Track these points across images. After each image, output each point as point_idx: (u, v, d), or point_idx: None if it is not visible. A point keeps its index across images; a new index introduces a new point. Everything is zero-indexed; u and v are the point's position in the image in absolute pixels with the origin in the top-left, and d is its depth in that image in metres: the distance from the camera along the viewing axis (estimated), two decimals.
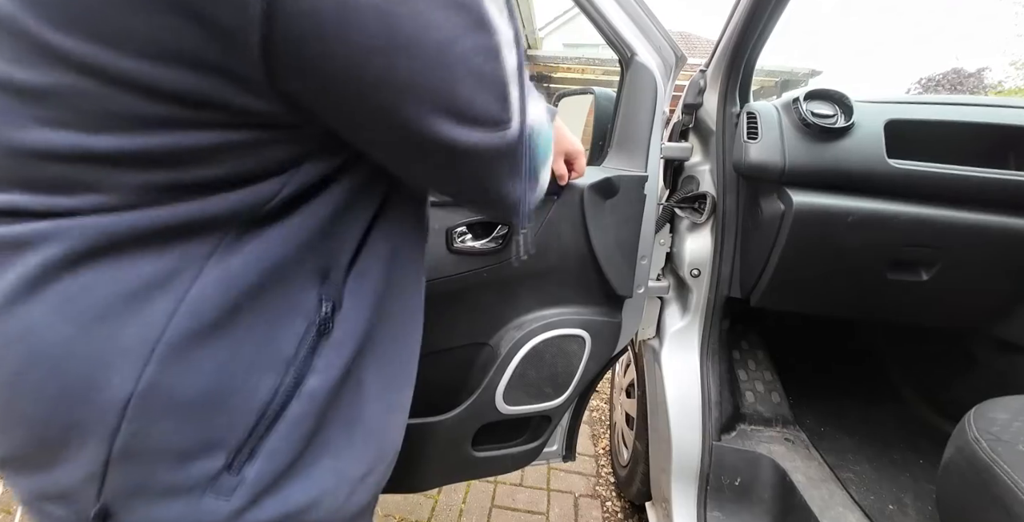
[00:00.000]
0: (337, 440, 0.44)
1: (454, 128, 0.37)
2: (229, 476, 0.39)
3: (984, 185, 0.97)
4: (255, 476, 0.39)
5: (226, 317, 0.37)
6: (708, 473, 1.13)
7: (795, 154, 1.00)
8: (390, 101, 0.35)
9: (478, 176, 0.42)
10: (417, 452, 0.98)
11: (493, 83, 0.37)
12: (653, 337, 1.26)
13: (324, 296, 0.42)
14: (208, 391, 0.37)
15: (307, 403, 0.41)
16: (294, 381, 0.40)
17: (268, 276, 0.38)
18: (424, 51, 0.33)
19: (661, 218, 1.17)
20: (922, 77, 16.72)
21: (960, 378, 1.38)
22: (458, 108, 0.36)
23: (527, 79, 0.42)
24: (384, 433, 0.50)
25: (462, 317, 0.93)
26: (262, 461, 0.40)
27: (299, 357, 0.40)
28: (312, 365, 0.41)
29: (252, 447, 0.39)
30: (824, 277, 1.11)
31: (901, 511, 1.04)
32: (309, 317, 0.41)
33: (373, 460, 0.48)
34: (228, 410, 0.38)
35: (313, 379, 0.41)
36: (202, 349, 0.36)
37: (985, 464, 0.67)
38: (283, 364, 0.40)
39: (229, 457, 0.39)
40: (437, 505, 1.52)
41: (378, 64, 0.32)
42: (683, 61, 1.01)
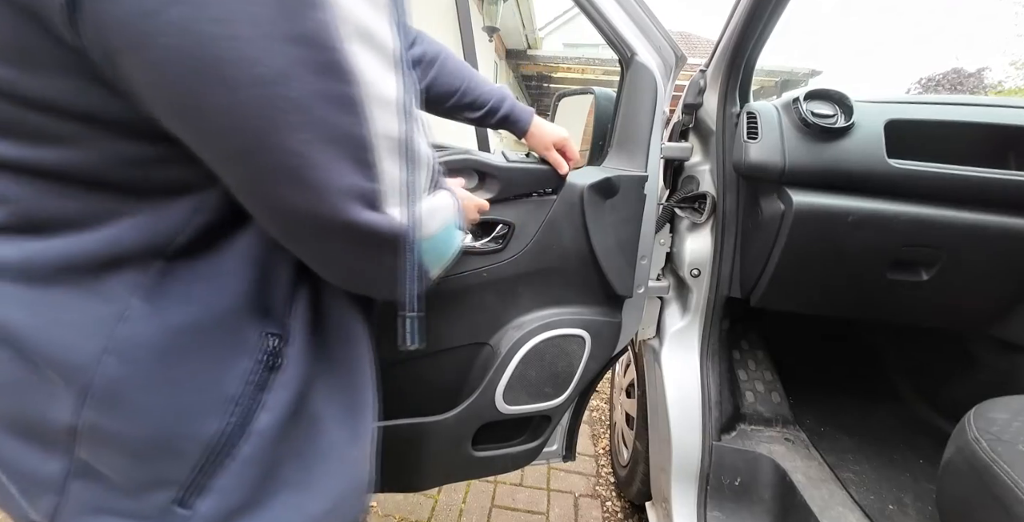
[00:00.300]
0: (296, 476, 0.43)
1: (283, 188, 0.32)
2: (182, 510, 0.38)
3: (984, 185, 0.97)
4: (207, 511, 0.38)
5: (162, 358, 0.36)
6: (708, 473, 1.13)
7: (795, 154, 1.00)
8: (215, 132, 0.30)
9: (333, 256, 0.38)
10: (417, 452, 0.98)
11: (344, 143, 0.32)
12: (653, 337, 1.26)
13: (268, 331, 0.40)
14: (149, 436, 0.37)
15: (257, 441, 0.39)
16: (241, 420, 0.39)
17: (203, 315, 0.37)
18: (241, 84, 0.28)
19: (661, 218, 1.17)
20: (922, 77, 16.74)
21: (960, 378, 1.38)
22: (289, 165, 0.31)
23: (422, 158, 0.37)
24: (348, 465, 0.48)
25: (462, 317, 0.93)
26: (214, 497, 0.39)
27: (245, 395, 0.39)
28: (262, 402, 0.40)
29: (202, 484, 0.38)
30: (824, 277, 1.11)
31: (901, 511, 1.04)
32: (254, 354, 0.39)
33: (338, 495, 0.47)
34: (173, 451, 0.37)
35: (263, 416, 0.40)
36: (138, 392, 0.36)
37: (985, 464, 0.67)
38: (229, 403, 0.38)
39: (180, 492, 0.38)
40: (437, 505, 1.52)
41: (187, 88, 0.28)
42: (683, 61, 1.01)
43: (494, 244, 0.90)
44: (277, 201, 0.33)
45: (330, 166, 0.32)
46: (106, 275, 0.35)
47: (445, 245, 0.45)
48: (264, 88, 0.29)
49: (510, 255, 0.91)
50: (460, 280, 0.89)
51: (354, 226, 0.34)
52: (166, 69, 0.28)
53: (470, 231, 0.89)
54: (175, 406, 0.37)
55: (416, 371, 0.95)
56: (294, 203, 0.33)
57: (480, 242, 0.90)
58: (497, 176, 0.86)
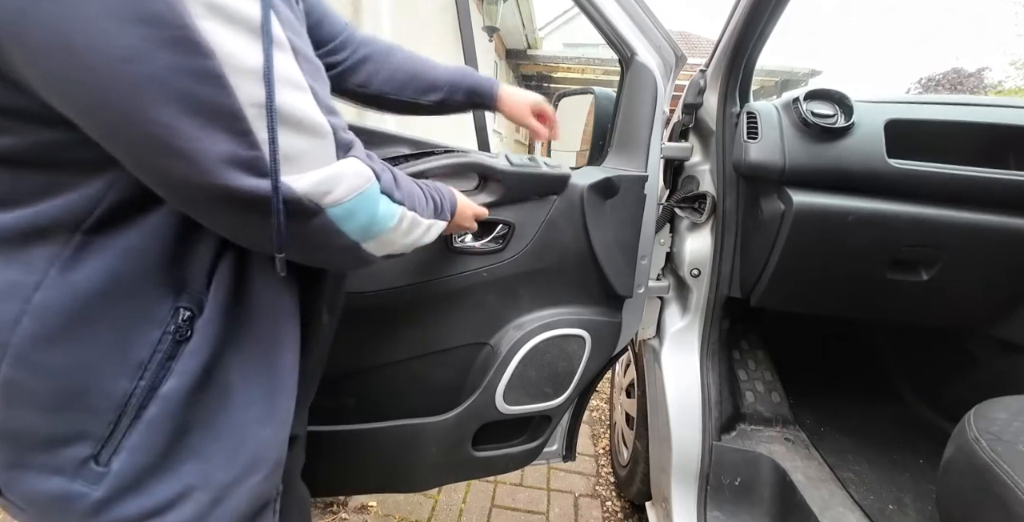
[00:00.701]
0: (203, 444, 0.46)
1: (163, 160, 0.34)
2: (96, 466, 0.42)
3: (984, 185, 0.97)
4: (119, 468, 0.42)
5: (74, 324, 0.39)
6: (708, 473, 1.13)
7: (795, 154, 1.00)
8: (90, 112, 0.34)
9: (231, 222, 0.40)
10: (417, 452, 0.98)
11: (210, 113, 0.34)
12: (653, 337, 1.26)
13: (181, 305, 0.44)
14: (62, 389, 0.40)
15: (163, 405, 0.43)
16: (150, 384, 0.42)
17: (113, 287, 0.40)
18: (101, 65, 0.31)
19: (661, 218, 1.17)
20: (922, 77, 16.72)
21: (960, 378, 1.38)
22: (162, 137, 0.33)
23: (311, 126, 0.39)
24: (257, 443, 0.50)
25: (462, 317, 0.93)
26: (126, 455, 0.42)
27: (154, 362, 0.42)
28: (170, 369, 0.43)
29: (116, 442, 0.42)
30: (824, 277, 1.11)
31: (901, 511, 1.04)
32: (163, 325, 0.43)
33: (244, 469, 0.49)
34: (86, 407, 0.41)
35: (171, 382, 0.43)
36: (52, 352, 0.39)
37: (985, 464, 0.67)
38: (137, 368, 0.42)
39: (95, 448, 0.42)
40: (437, 505, 1.52)
41: (61, 75, 0.32)
42: (683, 61, 1.01)
43: (494, 244, 0.90)
44: (162, 173, 0.36)
45: (200, 135, 0.34)
46: (30, 247, 0.39)
47: (366, 213, 0.45)
48: (124, 66, 0.31)
49: (510, 255, 0.91)
50: (460, 280, 0.89)
51: (236, 192, 0.36)
52: (40, 59, 0.31)
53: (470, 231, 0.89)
54: (85, 364, 0.40)
55: (416, 371, 0.95)
56: (177, 173, 0.35)
57: (480, 242, 0.90)
58: (500, 180, 0.85)
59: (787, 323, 1.59)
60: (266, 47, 0.35)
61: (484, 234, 0.90)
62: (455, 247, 0.88)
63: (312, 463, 0.82)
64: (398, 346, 0.93)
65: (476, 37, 1.10)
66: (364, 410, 0.95)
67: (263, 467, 0.51)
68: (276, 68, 0.36)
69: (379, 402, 0.96)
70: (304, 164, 0.39)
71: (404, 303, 0.90)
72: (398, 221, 0.49)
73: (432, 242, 0.86)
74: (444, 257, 0.88)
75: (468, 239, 0.89)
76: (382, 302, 0.88)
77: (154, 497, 0.44)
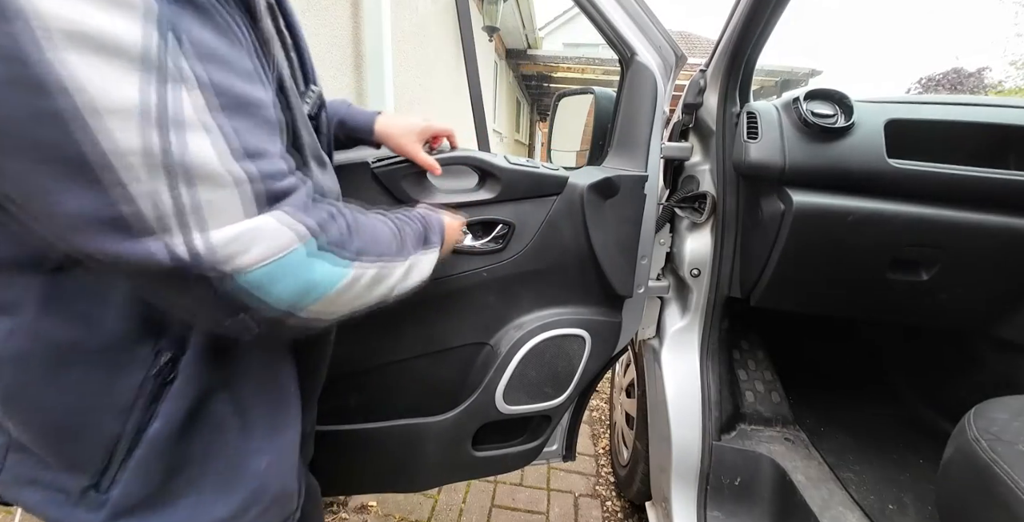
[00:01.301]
0: (199, 479, 0.46)
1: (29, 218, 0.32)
2: (97, 493, 0.43)
3: (984, 185, 0.96)
4: (117, 498, 0.43)
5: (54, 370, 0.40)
6: (708, 473, 1.13)
7: (795, 154, 1.00)
8: None
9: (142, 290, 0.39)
10: (417, 452, 0.98)
11: (67, 162, 0.29)
12: (653, 337, 1.26)
13: (162, 348, 0.43)
14: (55, 426, 0.42)
15: (151, 446, 0.43)
16: (136, 427, 0.42)
17: (88, 332, 0.40)
18: None
19: (661, 218, 1.17)
20: (922, 77, 16.71)
21: (960, 378, 1.37)
22: (19, 194, 0.30)
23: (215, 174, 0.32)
24: (257, 476, 0.49)
25: (462, 317, 0.93)
26: (122, 487, 0.43)
27: (138, 406, 0.42)
28: (155, 412, 0.43)
29: (113, 474, 0.43)
30: (824, 277, 1.11)
31: (901, 511, 1.04)
32: (146, 368, 0.42)
33: (244, 502, 0.49)
34: (80, 443, 0.42)
35: (156, 424, 0.43)
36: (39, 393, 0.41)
37: (985, 464, 0.67)
38: (122, 412, 0.42)
39: (94, 478, 0.43)
40: (437, 504, 1.52)
41: None
42: (683, 61, 1.01)
43: (494, 244, 0.90)
44: (37, 232, 0.33)
45: (55, 191, 0.29)
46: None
47: (295, 279, 0.38)
48: None
49: (510, 255, 0.91)
50: (460, 280, 0.89)
51: (112, 257, 0.31)
52: None
53: (470, 230, 0.89)
54: (73, 407, 0.41)
55: (416, 371, 0.95)
56: (48, 233, 0.32)
57: (480, 242, 0.90)
58: (499, 177, 0.85)
59: (787, 323, 1.59)
60: (162, 84, 0.30)
61: (484, 234, 0.90)
62: (455, 247, 0.87)
63: (312, 462, 0.82)
64: (398, 346, 0.93)
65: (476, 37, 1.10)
66: (364, 410, 0.95)
67: (265, 499, 0.50)
68: (166, 106, 0.30)
69: (379, 402, 0.96)
70: (199, 220, 0.32)
71: (404, 303, 0.89)
72: (350, 281, 0.42)
73: None
74: (444, 257, 0.87)
75: (468, 239, 0.89)
76: None
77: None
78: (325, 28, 2.14)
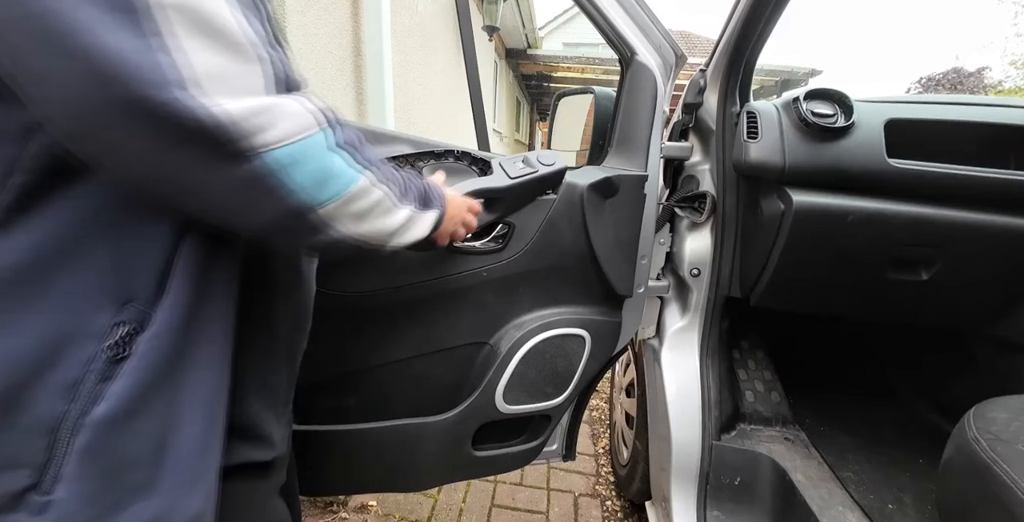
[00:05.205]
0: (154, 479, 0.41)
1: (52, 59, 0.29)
2: (37, 495, 0.37)
3: (984, 185, 0.96)
4: (63, 498, 0.37)
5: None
6: (708, 472, 1.13)
7: (795, 154, 1.00)
8: None
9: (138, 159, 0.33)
10: (417, 451, 0.98)
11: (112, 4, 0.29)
12: (653, 336, 1.26)
13: (121, 320, 0.38)
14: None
15: (94, 433, 0.38)
16: (81, 409, 0.37)
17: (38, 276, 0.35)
18: None
19: (661, 217, 1.17)
20: (922, 77, 16.71)
21: (960, 378, 1.38)
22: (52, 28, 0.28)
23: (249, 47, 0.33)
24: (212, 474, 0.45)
25: (462, 316, 0.93)
26: (66, 485, 0.37)
27: (87, 382, 0.37)
28: (102, 392, 0.38)
29: (56, 470, 0.37)
30: (824, 277, 1.11)
31: (901, 510, 1.04)
32: (99, 341, 0.38)
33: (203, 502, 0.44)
34: (18, 428, 0.36)
35: (101, 406, 0.38)
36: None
37: (985, 464, 0.67)
38: (68, 389, 0.37)
39: (35, 475, 0.37)
40: (437, 504, 1.52)
41: None
42: (683, 60, 1.01)
43: (494, 244, 0.90)
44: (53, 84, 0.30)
45: (100, 30, 0.28)
46: None
47: (318, 163, 0.38)
48: None
49: (510, 255, 0.91)
50: (460, 280, 0.89)
51: (140, 104, 0.30)
52: None
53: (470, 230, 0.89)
54: (11, 379, 0.36)
55: (416, 371, 0.95)
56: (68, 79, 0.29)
57: (480, 242, 0.90)
58: (504, 198, 0.86)
59: (787, 323, 1.59)
60: None
61: (484, 234, 0.90)
62: (455, 247, 0.88)
63: (312, 463, 0.82)
64: (398, 346, 0.93)
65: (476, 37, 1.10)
66: (364, 410, 0.95)
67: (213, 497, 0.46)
68: None
69: (379, 402, 0.96)
70: (226, 88, 0.32)
71: (404, 303, 0.90)
72: (360, 189, 0.41)
73: None
74: (444, 257, 0.88)
75: (468, 239, 0.89)
76: (382, 302, 0.88)
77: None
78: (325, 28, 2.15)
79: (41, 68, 0.29)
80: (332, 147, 0.39)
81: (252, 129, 0.33)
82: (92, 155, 0.33)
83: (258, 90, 0.35)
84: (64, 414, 0.37)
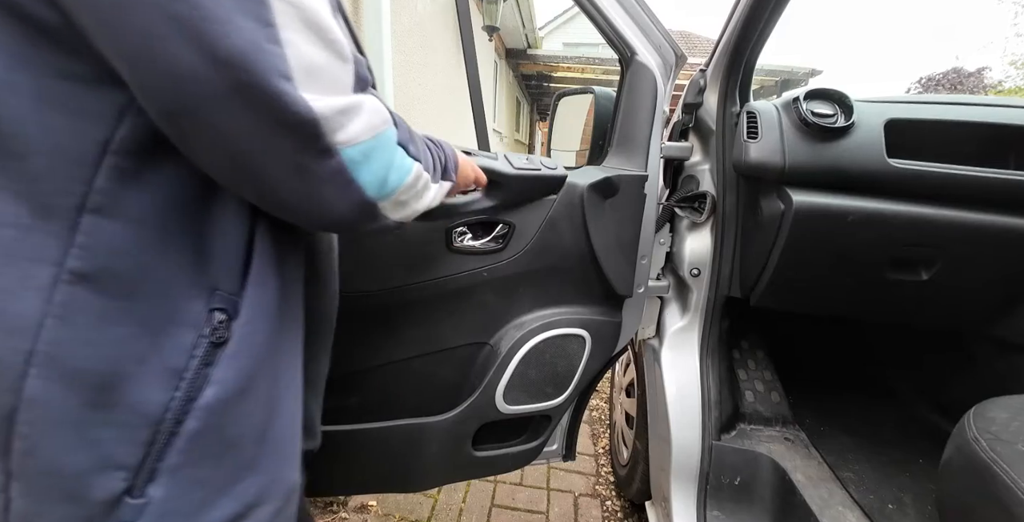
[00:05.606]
0: (258, 457, 0.42)
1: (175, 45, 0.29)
2: (131, 499, 0.36)
3: (984, 185, 0.96)
4: (161, 496, 0.37)
5: (101, 322, 0.34)
6: (708, 472, 1.13)
7: (795, 154, 1.00)
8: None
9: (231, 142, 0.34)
10: (417, 452, 0.98)
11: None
12: (653, 336, 1.26)
13: (215, 306, 0.39)
14: (90, 402, 0.34)
15: (205, 417, 0.38)
16: (186, 395, 0.37)
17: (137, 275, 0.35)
18: None
19: (661, 217, 1.17)
20: (922, 77, 16.73)
21: (960, 378, 1.38)
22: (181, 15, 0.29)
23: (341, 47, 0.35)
24: (297, 448, 0.48)
25: (462, 316, 0.93)
26: (166, 480, 0.37)
27: (190, 369, 0.38)
28: (208, 377, 0.38)
29: (152, 466, 0.37)
30: (824, 277, 1.11)
31: (901, 510, 1.04)
32: (198, 328, 0.38)
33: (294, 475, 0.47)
34: (113, 423, 0.35)
35: (212, 390, 0.38)
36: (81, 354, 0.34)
37: (985, 463, 0.67)
38: (172, 376, 0.37)
39: (129, 478, 0.36)
40: (437, 504, 1.52)
41: None
42: (683, 60, 1.01)
43: (494, 244, 0.90)
44: (167, 62, 0.30)
45: (225, 17, 0.29)
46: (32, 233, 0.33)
47: (384, 159, 0.40)
48: None
49: (510, 255, 0.91)
50: (460, 280, 0.89)
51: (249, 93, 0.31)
52: None
53: (470, 230, 0.89)
54: (116, 372, 0.35)
55: (416, 371, 0.95)
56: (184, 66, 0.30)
57: (480, 242, 0.90)
58: (503, 184, 0.85)
59: (787, 323, 1.59)
60: None
61: (484, 234, 0.90)
62: (455, 246, 0.88)
63: (312, 463, 0.82)
64: (398, 346, 0.93)
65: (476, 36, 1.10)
66: (364, 410, 0.95)
67: (300, 470, 0.49)
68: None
69: (379, 402, 0.96)
70: (322, 84, 0.34)
71: (404, 303, 0.90)
72: (414, 179, 0.44)
73: (432, 242, 0.86)
74: (444, 257, 0.88)
75: (468, 239, 0.89)
76: (382, 302, 0.88)
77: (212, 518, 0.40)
78: None
79: (157, 46, 0.29)
80: (395, 139, 0.42)
81: (340, 125, 0.35)
82: (183, 135, 0.34)
83: (348, 88, 0.36)
84: (169, 402, 0.37)
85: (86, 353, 0.34)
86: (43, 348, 0.33)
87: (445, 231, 0.86)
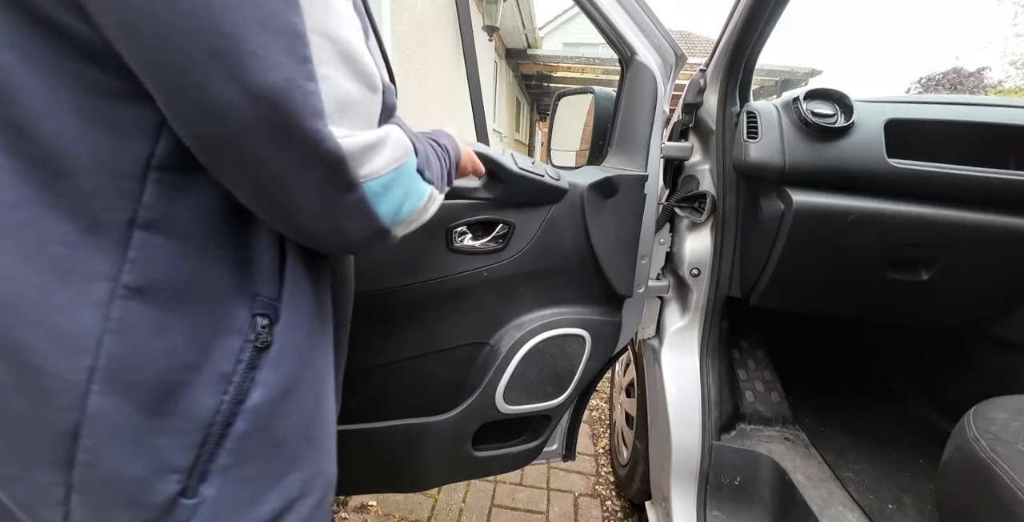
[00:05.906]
0: (301, 454, 0.44)
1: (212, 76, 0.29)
2: (185, 500, 0.37)
3: (984, 185, 0.97)
4: (213, 495, 0.38)
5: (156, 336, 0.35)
6: (708, 472, 1.13)
7: (795, 154, 1.00)
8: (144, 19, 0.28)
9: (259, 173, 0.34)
10: (417, 452, 0.98)
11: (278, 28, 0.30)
12: (653, 336, 1.26)
13: (257, 311, 0.40)
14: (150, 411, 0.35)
15: (253, 418, 0.39)
16: (235, 398, 0.39)
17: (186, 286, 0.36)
18: None
19: (661, 217, 1.17)
20: (922, 77, 16.73)
21: (960, 378, 1.38)
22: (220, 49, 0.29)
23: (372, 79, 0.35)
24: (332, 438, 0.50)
25: (462, 316, 0.93)
26: (217, 479, 0.38)
27: (238, 373, 0.39)
28: (255, 380, 0.40)
29: (204, 467, 0.38)
30: (824, 277, 1.11)
31: (901, 510, 1.04)
32: (243, 334, 0.39)
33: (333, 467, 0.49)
34: (167, 430, 0.36)
35: (259, 392, 0.40)
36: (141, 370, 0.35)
37: (984, 463, 0.67)
38: (221, 381, 0.38)
39: (182, 481, 0.37)
40: (437, 504, 1.52)
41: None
42: (683, 60, 1.01)
43: (494, 244, 0.90)
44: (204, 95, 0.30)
45: (263, 54, 0.29)
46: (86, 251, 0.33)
47: (402, 189, 0.41)
48: None
49: (510, 255, 0.91)
50: (460, 280, 0.89)
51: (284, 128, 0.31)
52: None
53: (470, 230, 0.89)
54: (171, 381, 0.36)
55: (416, 371, 0.95)
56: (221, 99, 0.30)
57: (480, 242, 0.90)
58: (505, 180, 0.85)
59: (787, 323, 1.59)
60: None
61: (484, 234, 0.90)
62: (455, 246, 0.88)
63: None
64: (398, 346, 0.93)
65: (476, 36, 1.10)
66: (364, 410, 0.95)
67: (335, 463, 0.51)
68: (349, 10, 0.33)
69: (379, 402, 0.96)
70: (352, 118, 0.35)
71: (404, 303, 0.90)
72: (426, 202, 0.46)
73: (432, 242, 0.86)
74: (444, 257, 0.88)
75: (468, 239, 0.89)
76: (382, 302, 0.88)
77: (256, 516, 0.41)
78: None
79: (194, 79, 0.30)
80: (414, 169, 0.43)
81: (366, 161, 0.36)
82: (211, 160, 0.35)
83: (375, 120, 0.37)
84: (219, 406, 0.38)
85: (144, 365, 0.35)
86: (103, 364, 0.33)
87: (445, 231, 0.86)
